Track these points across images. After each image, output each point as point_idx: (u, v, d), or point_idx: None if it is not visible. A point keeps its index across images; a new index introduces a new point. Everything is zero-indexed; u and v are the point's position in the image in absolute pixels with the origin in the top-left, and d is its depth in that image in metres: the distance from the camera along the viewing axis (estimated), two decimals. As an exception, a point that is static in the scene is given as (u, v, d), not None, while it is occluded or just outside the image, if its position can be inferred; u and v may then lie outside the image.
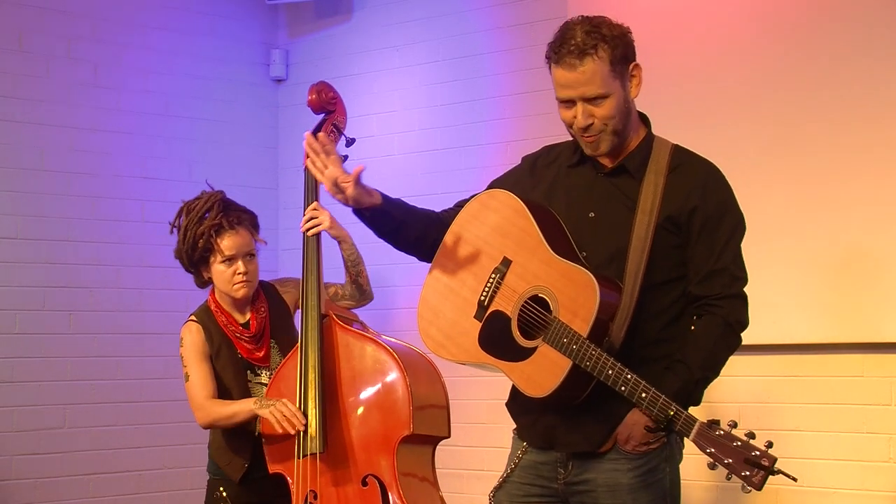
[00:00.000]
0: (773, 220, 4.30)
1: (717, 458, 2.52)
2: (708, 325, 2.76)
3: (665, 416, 2.58)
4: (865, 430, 4.19)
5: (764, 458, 2.49)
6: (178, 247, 3.81)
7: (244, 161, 5.95)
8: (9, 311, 5.19)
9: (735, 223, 2.81)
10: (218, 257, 3.76)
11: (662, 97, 4.51)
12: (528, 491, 2.89)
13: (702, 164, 2.85)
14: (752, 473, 2.49)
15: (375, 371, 3.55)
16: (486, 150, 5.37)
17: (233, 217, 3.78)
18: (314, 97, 3.88)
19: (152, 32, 5.71)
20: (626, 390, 2.61)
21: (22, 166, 5.26)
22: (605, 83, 2.72)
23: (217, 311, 3.81)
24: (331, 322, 3.64)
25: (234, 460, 3.74)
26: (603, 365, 2.62)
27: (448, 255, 2.93)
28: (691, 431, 2.56)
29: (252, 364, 3.80)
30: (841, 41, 4.25)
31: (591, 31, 2.73)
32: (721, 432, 2.53)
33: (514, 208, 2.84)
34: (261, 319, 3.82)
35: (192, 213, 3.78)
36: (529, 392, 2.73)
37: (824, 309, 4.24)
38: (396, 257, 5.71)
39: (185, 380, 3.76)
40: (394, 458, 3.45)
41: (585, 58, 2.71)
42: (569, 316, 2.67)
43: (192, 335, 3.78)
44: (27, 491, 5.16)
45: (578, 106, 2.75)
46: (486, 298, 2.82)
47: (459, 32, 5.49)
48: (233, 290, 3.77)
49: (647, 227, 2.74)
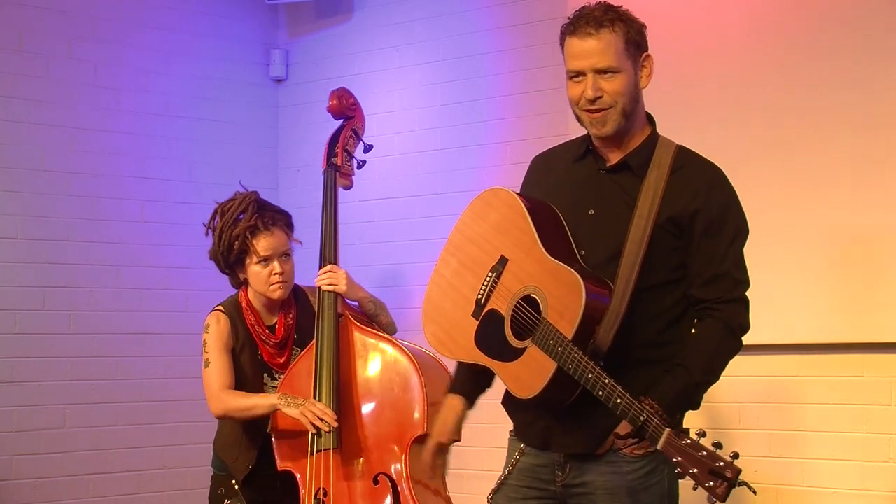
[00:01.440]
0: (774, 221, 4.30)
1: (683, 467, 2.50)
2: (709, 329, 2.75)
3: (638, 423, 2.56)
4: (865, 430, 4.19)
5: (728, 469, 2.45)
6: (214, 248, 3.81)
7: (244, 161, 5.94)
8: (9, 311, 5.19)
9: (738, 227, 2.80)
10: (254, 258, 3.76)
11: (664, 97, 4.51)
12: (525, 494, 2.88)
13: (706, 166, 2.83)
14: (716, 484, 2.45)
15: (390, 370, 3.56)
16: (486, 150, 5.36)
17: (268, 218, 3.78)
18: (335, 102, 3.93)
19: (152, 32, 5.71)
20: (604, 395, 2.60)
21: (22, 166, 5.26)
22: (618, 57, 2.74)
23: (247, 309, 3.80)
24: (346, 321, 3.66)
25: (240, 458, 3.73)
26: (584, 369, 2.60)
27: (452, 252, 2.94)
28: (660, 440, 2.54)
29: (271, 368, 3.80)
30: (843, 42, 4.25)
31: (610, 10, 2.78)
32: (688, 441, 2.50)
33: (512, 207, 2.83)
34: (288, 326, 3.82)
35: (226, 214, 3.78)
36: (517, 393, 2.72)
37: (824, 309, 4.24)
38: (405, 257, 5.74)
39: (205, 366, 3.73)
40: (407, 458, 3.47)
41: (602, 28, 2.74)
42: (555, 317, 2.66)
43: (219, 325, 3.78)
44: (27, 491, 5.16)
45: (589, 77, 2.75)
46: (482, 297, 2.81)
47: (459, 32, 5.49)
48: (269, 290, 3.76)
49: (643, 229, 2.72)
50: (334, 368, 3.56)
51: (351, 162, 3.96)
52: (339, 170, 3.90)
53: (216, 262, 3.83)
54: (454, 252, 2.93)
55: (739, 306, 2.78)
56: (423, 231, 5.46)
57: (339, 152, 3.90)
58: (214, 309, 3.82)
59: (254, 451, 3.72)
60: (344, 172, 3.92)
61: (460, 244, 2.92)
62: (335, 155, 3.90)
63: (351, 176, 3.97)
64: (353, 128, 3.96)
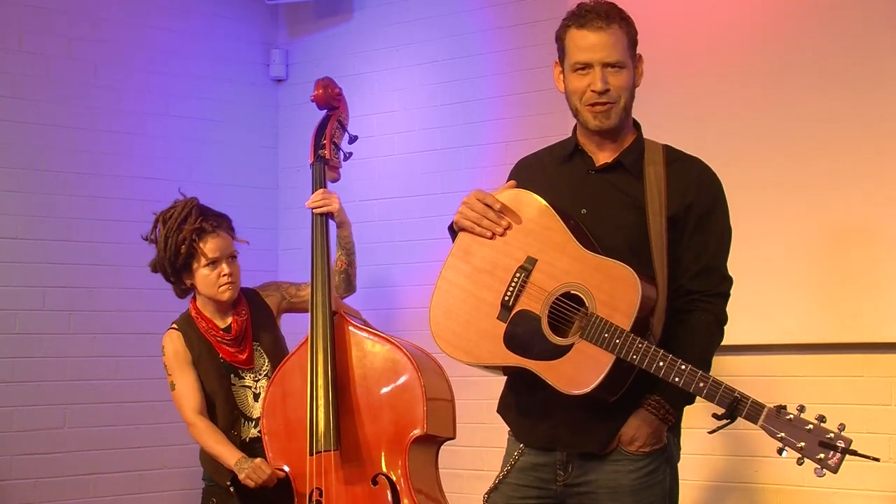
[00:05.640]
0: (774, 221, 4.30)
1: (788, 442, 2.47)
2: (702, 322, 2.77)
3: (730, 402, 2.53)
4: (865, 430, 4.18)
5: (839, 439, 2.45)
6: (159, 256, 3.81)
7: (244, 161, 5.94)
8: (9, 311, 5.19)
9: (726, 219, 2.85)
10: (202, 261, 3.76)
11: (660, 96, 4.51)
12: (525, 493, 2.88)
13: (695, 161, 2.88)
14: (828, 456, 2.45)
15: (388, 370, 3.54)
16: (485, 150, 5.36)
17: (212, 220, 3.79)
18: (320, 92, 3.88)
19: (152, 32, 5.70)
20: (682, 381, 2.57)
21: (22, 166, 5.26)
22: (625, 53, 2.79)
23: (198, 317, 3.82)
24: (341, 319, 3.63)
25: (221, 468, 3.73)
26: (653, 357, 2.59)
27: (463, 258, 2.88)
28: (760, 417, 2.51)
29: (235, 367, 3.80)
30: (835, 41, 4.25)
31: (613, 8, 2.82)
32: (791, 416, 2.48)
33: (535, 206, 2.81)
34: (241, 322, 3.82)
35: (169, 221, 3.79)
36: (568, 390, 2.67)
37: (824, 309, 4.24)
38: (394, 258, 5.74)
39: (171, 388, 3.78)
40: (406, 458, 3.44)
41: (612, 23, 2.78)
42: (607, 311, 2.64)
43: (172, 343, 3.80)
44: (27, 491, 5.16)
45: (597, 70, 2.77)
46: (510, 298, 2.77)
47: (459, 32, 5.49)
48: (218, 292, 3.77)
49: (660, 224, 2.76)
50: (331, 367, 3.54)
51: (338, 154, 3.89)
52: (328, 163, 3.83)
53: (162, 271, 3.83)
54: (464, 257, 2.88)
55: (725, 301, 2.83)
56: (423, 231, 5.46)
57: (327, 144, 3.83)
58: (168, 328, 3.85)
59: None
60: (332, 165, 3.85)
61: (471, 249, 2.87)
62: (322, 147, 3.83)
63: (339, 168, 3.90)
64: (339, 118, 3.91)
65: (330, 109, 3.91)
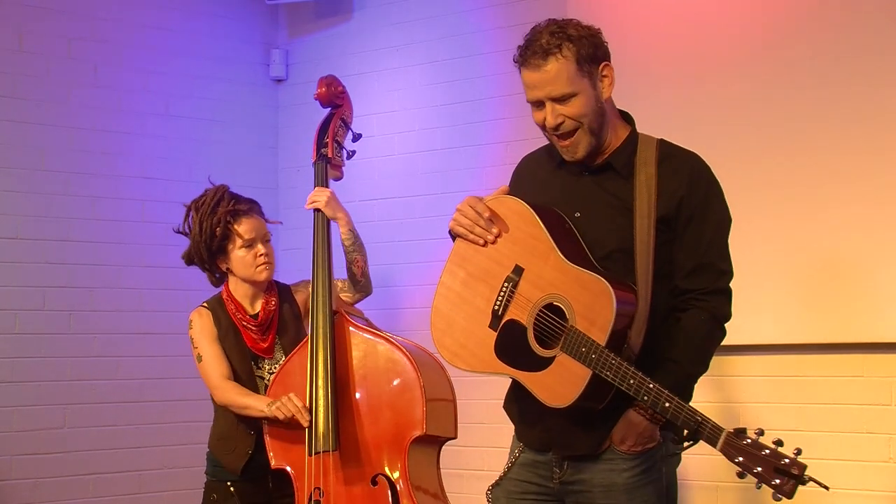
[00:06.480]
0: (773, 221, 4.30)
1: (746, 467, 2.49)
2: (696, 320, 2.74)
3: (692, 424, 2.55)
4: (865, 430, 4.19)
5: (794, 466, 2.46)
6: (194, 242, 3.81)
7: (244, 161, 5.94)
8: (9, 311, 5.19)
9: (721, 216, 2.80)
10: (238, 242, 3.79)
11: (658, 96, 4.51)
12: (525, 489, 2.88)
13: (688, 156, 2.83)
14: (783, 482, 2.46)
15: (388, 370, 3.53)
16: (485, 150, 5.37)
17: (244, 203, 3.82)
18: (323, 90, 3.87)
19: (152, 32, 5.70)
20: (649, 400, 2.58)
21: (22, 166, 5.26)
22: (571, 82, 2.72)
23: (228, 300, 3.83)
24: (342, 319, 3.63)
25: (238, 447, 3.72)
26: (624, 374, 2.58)
27: (459, 263, 2.88)
28: (718, 441, 2.52)
29: (256, 355, 3.80)
30: (835, 40, 4.25)
31: (557, 32, 2.75)
32: (749, 441, 2.50)
33: (522, 215, 2.80)
34: (269, 311, 3.84)
35: (202, 207, 3.80)
36: (550, 403, 2.68)
37: (824, 309, 4.24)
38: (395, 258, 5.74)
39: (198, 361, 3.78)
40: (406, 459, 3.44)
41: (549, 57, 2.72)
42: (585, 324, 2.63)
43: (201, 318, 3.82)
44: (27, 491, 5.16)
45: (547, 106, 2.75)
46: (500, 308, 2.78)
47: (459, 32, 5.49)
48: (255, 273, 3.80)
49: (647, 229, 2.73)
50: (331, 367, 3.54)
51: (341, 153, 3.88)
52: (330, 161, 3.83)
53: (197, 257, 3.83)
54: (460, 263, 2.88)
55: (724, 297, 2.79)
56: (423, 231, 5.46)
57: (330, 143, 3.82)
58: (198, 306, 3.86)
59: (251, 438, 3.70)
60: (335, 164, 3.85)
61: (467, 255, 2.87)
62: (325, 146, 3.83)
63: (341, 167, 3.89)
64: (342, 117, 3.90)
65: (333, 107, 3.90)
